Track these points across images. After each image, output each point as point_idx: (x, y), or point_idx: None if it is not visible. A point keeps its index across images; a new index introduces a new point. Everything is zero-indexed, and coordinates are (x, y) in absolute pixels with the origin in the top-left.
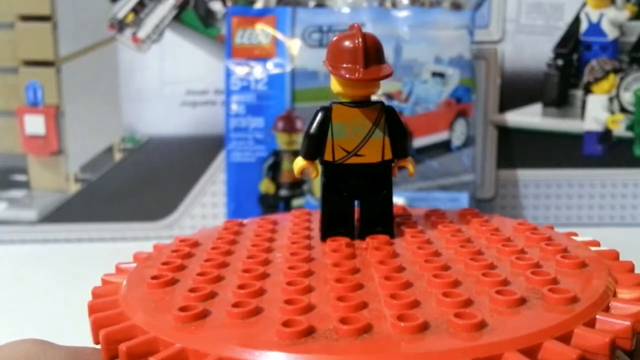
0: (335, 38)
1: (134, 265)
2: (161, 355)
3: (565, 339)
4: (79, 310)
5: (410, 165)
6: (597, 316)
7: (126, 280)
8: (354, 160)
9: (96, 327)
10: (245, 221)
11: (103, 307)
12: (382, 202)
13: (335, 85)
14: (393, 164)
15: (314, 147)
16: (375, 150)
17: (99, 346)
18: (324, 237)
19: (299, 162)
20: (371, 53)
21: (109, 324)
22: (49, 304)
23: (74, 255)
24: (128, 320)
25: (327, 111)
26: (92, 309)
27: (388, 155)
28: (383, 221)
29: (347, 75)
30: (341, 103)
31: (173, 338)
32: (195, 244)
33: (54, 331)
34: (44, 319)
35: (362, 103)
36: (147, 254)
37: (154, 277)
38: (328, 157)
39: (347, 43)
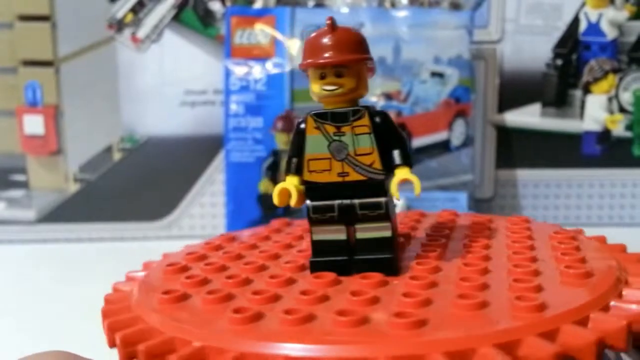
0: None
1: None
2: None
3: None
4: (78, 310)
5: None
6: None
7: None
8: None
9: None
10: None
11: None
12: None
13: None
14: None
15: None
16: None
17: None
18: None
19: None
20: None
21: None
22: (48, 304)
23: (73, 255)
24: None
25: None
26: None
27: None
28: None
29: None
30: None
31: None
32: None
33: (54, 331)
34: (44, 319)
35: None
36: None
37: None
38: None
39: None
